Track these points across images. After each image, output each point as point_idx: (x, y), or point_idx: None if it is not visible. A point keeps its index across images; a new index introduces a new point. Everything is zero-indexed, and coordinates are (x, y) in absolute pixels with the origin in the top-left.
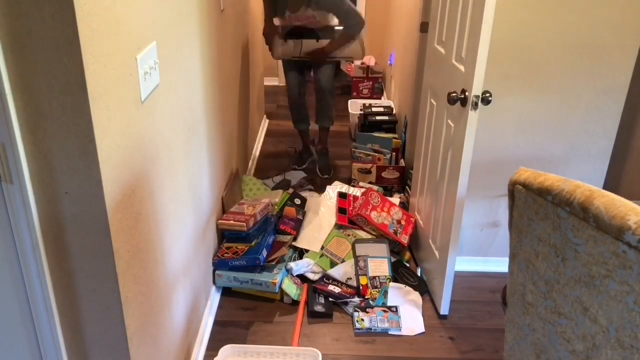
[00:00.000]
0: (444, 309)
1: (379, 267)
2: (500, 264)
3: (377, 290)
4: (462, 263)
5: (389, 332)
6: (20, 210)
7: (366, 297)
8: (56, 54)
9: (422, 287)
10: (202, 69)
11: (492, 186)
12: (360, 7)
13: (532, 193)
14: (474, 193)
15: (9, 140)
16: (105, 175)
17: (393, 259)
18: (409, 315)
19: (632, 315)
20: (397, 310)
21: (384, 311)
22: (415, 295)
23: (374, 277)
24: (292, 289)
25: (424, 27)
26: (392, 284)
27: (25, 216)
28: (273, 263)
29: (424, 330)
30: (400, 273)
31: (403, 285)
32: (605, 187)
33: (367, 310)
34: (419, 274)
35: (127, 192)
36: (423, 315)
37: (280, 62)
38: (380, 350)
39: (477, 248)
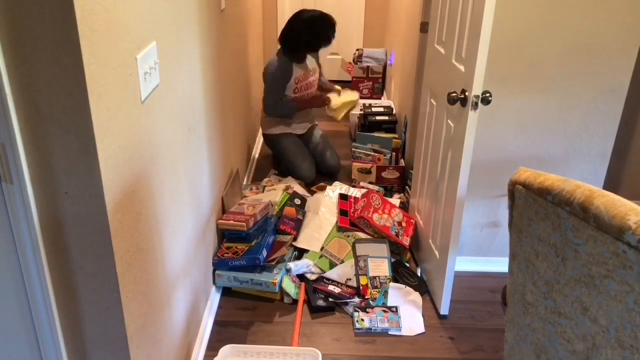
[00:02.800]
0: (444, 309)
1: (379, 267)
2: (500, 264)
3: (377, 290)
4: (462, 263)
5: (389, 332)
6: (20, 210)
7: (366, 297)
8: (56, 54)
9: (422, 287)
10: (202, 69)
11: (492, 186)
12: (360, 8)
13: (532, 193)
14: (474, 193)
15: (9, 140)
16: (105, 175)
17: (393, 259)
18: (409, 315)
19: (632, 315)
20: (397, 311)
21: (384, 311)
22: (416, 296)
23: (374, 277)
24: (291, 287)
25: (424, 27)
26: (392, 284)
27: (25, 216)
28: (273, 263)
29: (424, 330)
30: (400, 273)
31: (403, 286)
32: (605, 187)
33: (367, 310)
34: (419, 274)
35: (127, 192)
36: (423, 316)
37: None
38: (380, 350)
39: (477, 248)
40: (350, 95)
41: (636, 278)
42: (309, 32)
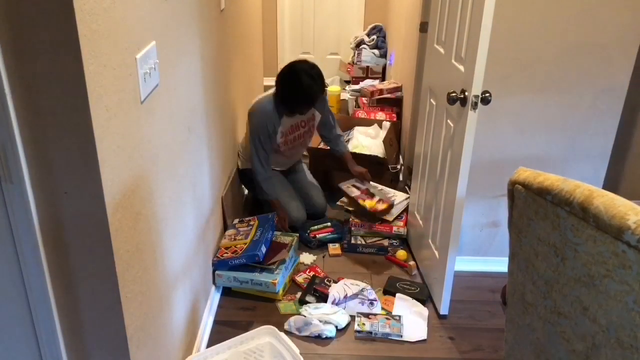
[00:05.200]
0: (443, 309)
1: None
2: (500, 264)
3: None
4: (462, 263)
5: (389, 337)
6: (20, 210)
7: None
8: (56, 54)
9: (424, 291)
10: (202, 69)
11: (492, 186)
12: (360, 8)
13: (531, 193)
14: (474, 193)
15: (9, 140)
16: (105, 175)
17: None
18: (413, 323)
19: (631, 315)
20: (400, 319)
21: (387, 319)
22: (421, 307)
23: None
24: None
25: (424, 27)
26: (399, 295)
27: (25, 216)
28: (273, 266)
29: (425, 337)
30: (399, 287)
31: (409, 297)
32: (604, 187)
33: (370, 316)
34: (418, 280)
35: (127, 192)
36: (428, 325)
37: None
38: (380, 351)
39: (477, 248)
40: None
41: (636, 278)
42: (288, 93)
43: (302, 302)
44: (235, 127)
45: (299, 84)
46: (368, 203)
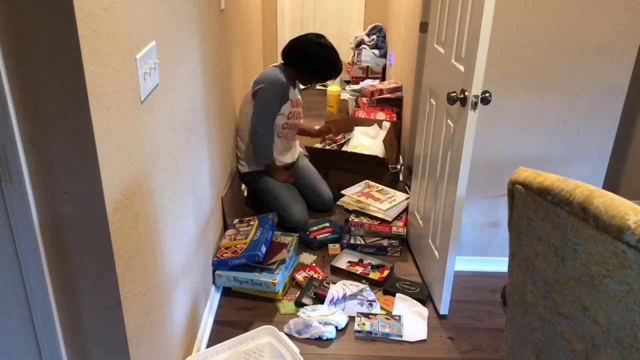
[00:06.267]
0: (443, 309)
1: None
2: (500, 264)
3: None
4: (462, 263)
5: (389, 338)
6: (20, 210)
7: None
8: (56, 54)
9: (424, 291)
10: (202, 69)
11: (492, 186)
12: (360, 8)
13: (531, 193)
14: (474, 193)
15: (9, 140)
16: (105, 175)
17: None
18: (413, 323)
19: (631, 315)
20: (400, 319)
21: (387, 319)
22: (421, 307)
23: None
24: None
25: (424, 27)
26: (399, 295)
27: (25, 216)
28: (273, 266)
29: (425, 337)
30: (399, 287)
31: (410, 298)
32: (604, 187)
33: (370, 316)
34: (419, 280)
35: (127, 192)
36: (428, 325)
37: None
38: (380, 350)
39: (477, 248)
40: None
41: (636, 278)
42: (323, 62)
43: (299, 304)
44: (236, 126)
45: (330, 51)
46: (373, 276)
